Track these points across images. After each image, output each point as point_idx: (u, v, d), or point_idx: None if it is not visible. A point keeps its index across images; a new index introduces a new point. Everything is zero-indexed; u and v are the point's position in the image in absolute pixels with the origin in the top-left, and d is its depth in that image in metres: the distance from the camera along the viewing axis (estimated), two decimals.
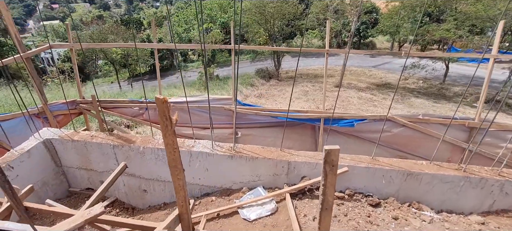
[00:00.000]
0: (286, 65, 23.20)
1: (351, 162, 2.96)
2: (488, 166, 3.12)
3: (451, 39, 15.18)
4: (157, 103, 1.24)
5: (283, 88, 17.39)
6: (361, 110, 12.94)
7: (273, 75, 20.10)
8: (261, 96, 15.92)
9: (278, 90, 17.16)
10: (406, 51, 4.24)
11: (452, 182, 2.84)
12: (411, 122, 4.22)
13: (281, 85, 18.34)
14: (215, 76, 19.66)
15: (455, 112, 3.20)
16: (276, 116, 4.58)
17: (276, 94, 16.44)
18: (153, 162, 3.30)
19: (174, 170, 1.53)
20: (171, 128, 1.34)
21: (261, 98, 15.65)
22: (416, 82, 18.54)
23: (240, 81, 18.07)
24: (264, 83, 18.89)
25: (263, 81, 19.19)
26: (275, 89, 17.41)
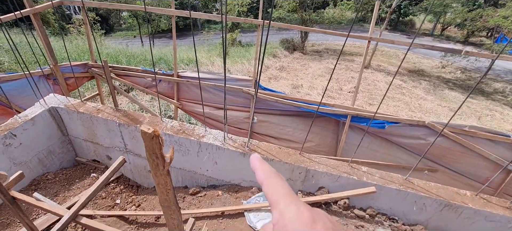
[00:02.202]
0: (313, 37, 21.93)
1: (380, 181, 2.57)
2: None
3: (507, 29, 13.43)
4: (144, 139, 0.89)
5: (307, 63, 16.52)
6: (388, 98, 12.09)
7: (298, 48, 19.08)
8: (282, 69, 15.24)
9: (301, 65, 16.33)
10: (463, 50, 3.57)
11: (499, 222, 2.40)
12: (453, 133, 3.68)
13: (305, 60, 17.43)
14: (238, 42, 18.94)
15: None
16: (298, 106, 4.15)
17: (299, 68, 15.66)
18: None
19: (167, 210, 1.22)
20: (164, 167, 0.99)
21: (282, 71, 15.00)
22: (453, 72, 17.00)
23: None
24: (287, 55, 18.02)
25: (286, 53, 18.30)
26: (298, 63, 16.58)
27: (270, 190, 0.40)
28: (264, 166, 0.45)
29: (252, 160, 0.47)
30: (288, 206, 0.36)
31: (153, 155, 0.97)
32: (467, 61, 15.97)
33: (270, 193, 0.40)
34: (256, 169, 0.46)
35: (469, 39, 23.49)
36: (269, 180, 0.42)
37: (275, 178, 0.42)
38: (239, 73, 13.52)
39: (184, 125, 3.08)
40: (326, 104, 4.00)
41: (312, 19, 17.21)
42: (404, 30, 26.63)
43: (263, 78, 13.61)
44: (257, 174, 0.45)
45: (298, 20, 17.52)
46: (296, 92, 12.16)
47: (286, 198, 0.38)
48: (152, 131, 0.89)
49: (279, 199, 0.38)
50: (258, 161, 0.47)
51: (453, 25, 21.93)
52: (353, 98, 3.94)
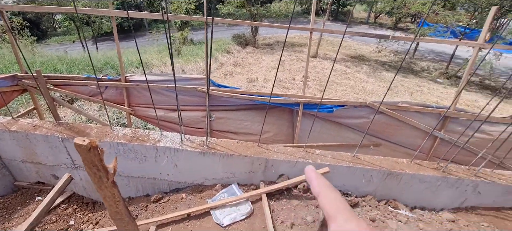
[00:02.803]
0: (263, 31, 22.26)
1: (332, 161, 2.75)
2: (459, 153, 3.09)
3: (425, 14, 15.24)
4: (80, 152, 0.82)
5: (260, 57, 16.75)
6: (336, 83, 12.91)
7: (250, 42, 19.21)
8: (237, 65, 15.23)
9: (254, 59, 16.50)
10: (393, 35, 3.95)
11: (430, 182, 2.75)
12: (389, 109, 4.08)
13: (258, 53, 17.65)
14: (189, 40, 18.35)
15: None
16: (253, 100, 4.21)
17: (252, 62, 15.81)
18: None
19: (120, 223, 1.15)
20: (108, 179, 0.93)
21: (237, 67, 14.99)
22: (387, 55, 18.79)
23: (215, 47, 17.07)
24: (241, 50, 18.05)
25: (239, 48, 18.31)
26: (252, 58, 16.73)
27: (327, 203, 0.40)
28: (320, 179, 0.45)
29: (307, 172, 0.46)
30: (348, 221, 0.37)
31: (94, 167, 0.90)
32: (398, 44, 17.80)
33: (327, 205, 0.40)
34: (312, 180, 0.46)
35: (398, 25, 26.15)
36: (325, 193, 0.41)
37: (332, 191, 0.42)
38: (194, 72, 13.15)
39: (138, 131, 2.91)
40: (279, 95, 4.12)
41: (260, 13, 17.43)
42: (344, 19, 28.56)
43: (219, 75, 13.45)
44: (313, 186, 0.45)
45: (247, 15, 17.60)
46: (252, 86, 12.28)
47: (345, 213, 0.39)
48: (88, 143, 0.83)
49: (337, 213, 0.39)
50: (313, 173, 0.47)
51: (383, 13, 24.17)
52: (303, 86, 4.13)
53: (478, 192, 2.79)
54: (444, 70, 15.48)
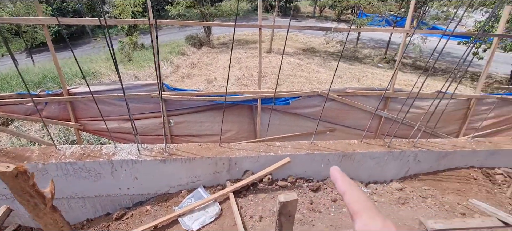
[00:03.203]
0: (216, 31, 21.97)
1: (292, 151, 2.84)
2: (402, 128, 3.43)
3: (363, 6, 16.49)
4: (6, 180, 0.72)
5: (216, 57, 16.52)
6: (291, 76, 13.33)
7: (204, 42, 18.81)
8: (193, 66, 14.81)
9: (210, 59, 16.21)
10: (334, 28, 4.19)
11: (379, 157, 3.01)
12: (339, 96, 4.35)
13: (214, 53, 17.37)
14: (140, 45, 17.29)
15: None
16: (212, 100, 4.14)
17: (209, 63, 15.52)
18: (63, 179, 2.57)
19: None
20: (46, 205, 0.84)
21: (194, 68, 14.58)
22: (335, 46, 19.95)
23: (169, 50, 16.37)
24: (196, 51, 17.57)
25: (194, 49, 17.79)
26: (208, 58, 16.41)
27: (352, 201, 0.41)
28: (344, 177, 0.44)
29: (332, 172, 0.45)
30: (373, 218, 0.37)
31: (26, 195, 0.81)
32: (342, 35, 19.00)
33: (352, 203, 0.40)
34: (337, 179, 0.45)
35: (341, 17, 27.92)
36: (351, 191, 0.42)
37: (356, 189, 0.42)
38: (149, 78, 12.46)
39: (89, 147, 2.67)
40: (236, 93, 4.12)
41: (211, 13, 17.14)
42: (293, 14, 29.61)
43: (175, 79, 12.97)
44: (338, 185, 0.44)
45: (198, 15, 17.18)
46: (212, 86, 12.08)
47: (370, 211, 0.38)
48: (14, 168, 0.74)
49: (362, 210, 0.39)
50: (338, 172, 0.46)
51: (327, 6, 25.61)
52: (259, 83, 4.18)
53: (418, 160, 3.14)
54: (383, 55, 16.99)
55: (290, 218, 1.10)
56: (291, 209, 1.07)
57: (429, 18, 14.43)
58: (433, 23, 14.20)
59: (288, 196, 1.05)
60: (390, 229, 0.35)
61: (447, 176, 3.21)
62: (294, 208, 1.07)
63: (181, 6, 15.77)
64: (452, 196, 2.96)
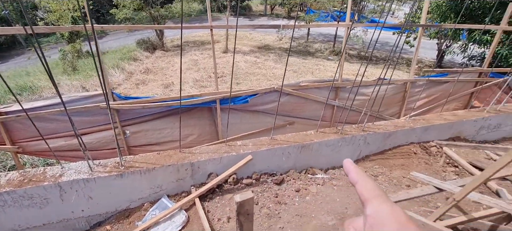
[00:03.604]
0: (169, 33, 21.07)
1: (253, 148, 2.86)
2: (352, 115, 3.67)
3: (309, 3, 17.29)
4: None
5: (171, 60, 15.84)
6: (250, 74, 13.42)
7: (158, 46, 17.89)
8: (148, 71, 14.01)
9: (166, 63, 15.49)
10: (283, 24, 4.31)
11: (334, 144, 3.19)
12: (294, 90, 4.50)
13: (169, 56, 16.63)
14: (86, 52, 15.77)
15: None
16: (169, 106, 3.96)
17: (165, 67, 14.83)
18: (0, 212, 2.24)
19: None
20: None
21: (148, 74, 13.79)
22: (288, 42, 20.58)
23: (120, 56, 15.26)
24: (149, 56, 16.62)
25: (147, 53, 16.81)
26: (163, 62, 15.65)
27: (364, 188, 0.42)
28: (356, 169, 0.46)
29: (345, 164, 0.48)
30: (383, 203, 0.39)
31: None
32: (295, 32, 19.76)
33: (364, 190, 0.42)
34: (350, 171, 0.46)
35: (291, 14, 28.88)
36: (362, 180, 0.44)
37: (368, 179, 0.44)
38: (98, 88, 11.43)
39: (29, 171, 2.36)
40: (194, 96, 4.00)
41: (161, 15, 16.37)
42: (245, 13, 29.76)
43: (129, 86, 12.15)
44: (351, 176, 0.45)
45: (148, 18, 16.28)
46: (169, 91, 11.57)
47: (381, 197, 0.40)
48: None
49: (373, 197, 0.40)
50: (351, 164, 0.47)
51: (277, 4, 26.24)
52: (215, 84, 4.12)
53: (367, 143, 3.41)
54: (332, 48, 18.05)
55: (249, 217, 1.11)
56: (249, 207, 1.07)
57: (368, 12, 15.70)
58: (371, 17, 15.49)
59: (244, 195, 1.05)
60: (398, 213, 0.37)
61: (392, 154, 3.55)
62: (251, 206, 1.08)
63: (127, 9, 14.75)
64: (398, 171, 3.28)
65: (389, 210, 0.38)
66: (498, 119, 4.13)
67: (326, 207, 2.61)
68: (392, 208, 0.38)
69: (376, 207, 0.39)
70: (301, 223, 2.42)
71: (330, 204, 2.63)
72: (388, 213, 0.38)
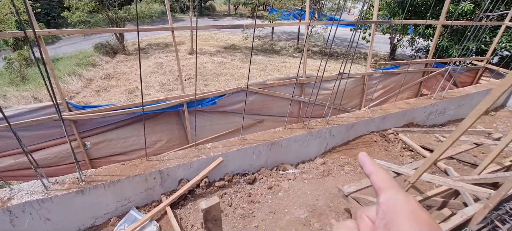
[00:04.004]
0: (131, 36, 19.96)
1: (223, 150, 2.82)
2: (317, 109, 3.78)
3: (271, 2, 17.53)
4: None
5: (135, 64, 15.00)
6: (218, 74, 13.24)
7: (119, 50, 16.81)
8: (109, 77, 13.11)
9: (128, 67, 14.62)
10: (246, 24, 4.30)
11: (302, 139, 3.27)
12: (261, 89, 4.52)
13: (131, 60, 15.72)
14: (36, 60, 14.25)
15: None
16: (132, 112, 3.73)
17: (128, 71, 13.99)
18: None
19: None
20: None
21: (110, 79, 12.91)
22: (254, 41, 20.70)
23: (76, 62, 14.09)
24: (110, 61, 15.54)
25: (107, 58, 15.70)
26: (125, 66, 14.75)
27: (379, 178, 0.44)
28: (371, 161, 0.47)
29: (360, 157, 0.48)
30: (398, 193, 0.40)
31: None
32: (258, 31, 19.84)
33: (379, 180, 0.43)
34: (365, 163, 0.47)
35: (254, 13, 29.08)
36: (377, 171, 0.45)
37: (382, 170, 0.45)
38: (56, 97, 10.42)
39: None
40: (159, 100, 3.82)
41: (120, 17, 15.41)
42: (209, 14, 29.27)
43: (89, 94, 11.28)
44: (365, 168, 0.46)
45: (105, 20, 15.22)
46: (134, 96, 10.96)
47: (394, 188, 0.41)
48: None
49: (387, 186, 0.42)
50: (366, 157, 0.48)
51: (241, 4, 26.19)
52: (181, 86, 3.98)
53: (333, 135, 3.54)
54: (296, 46, 18.52)
55: (217, 222, 1.07)
56: (216, 213, 1.04)
57: (326, 10, 16.36)
58: (330, 14, 16.17)
59: (209, 202, 1.02)
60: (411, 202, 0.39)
61: (356, 144, 3.73)
62: (219, 212, 1.04)
63: (81, 12, 13.65)
64: None
65: (403, 198, 0.40)
66: (443, 104, 4.56)
67: (298, 201, 2.66)
68: (406, 196, 0.40)
69: (390, 195, 0.41)
70: (275, 219, 2.44)
71: (302, 198, 2.69)
72: (401, 201, 0.40)
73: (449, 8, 7.35)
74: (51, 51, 17.00)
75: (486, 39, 7.79)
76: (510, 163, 2.86)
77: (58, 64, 14.32)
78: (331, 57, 16.52)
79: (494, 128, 4.67)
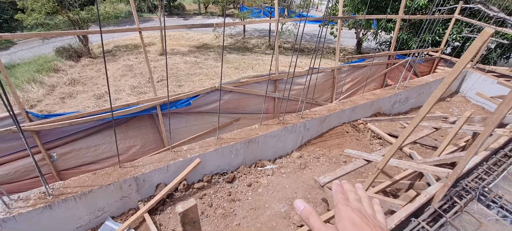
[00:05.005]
0: (96, 38, 18.78)
1: (200, 151, 2.77)
2: (291, 104, 3.85)
3: (241, 0, 17.47)
4: None
5: (102, 68, 14.15)
6: (191, 75, 12.94)
7: (83, 53, 15.73)
8: (75, 83, 12.24)
9: (95, 71, 13.75)
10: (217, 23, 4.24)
11: (278, 135, 3.31)
12: (235, 87, 4.50)
13: (98, 64, 14.79)
14: None
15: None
16: (101, 119, 3.53)
17: (95, 75, 13.16)
18: None
19: None
20: None
21: (75, 85, 12.06)
22: (226, 40, 20.47)
23: (36, 68, 12.98)
24: (74, 65, 14.49)
25: (71, 62, 14.61)
26: (91, 70, 13.86)
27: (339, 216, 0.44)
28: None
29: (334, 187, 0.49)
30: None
31: None
32: (230, 29, 19.68)
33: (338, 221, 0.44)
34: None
35: (225, 12, 28.74)
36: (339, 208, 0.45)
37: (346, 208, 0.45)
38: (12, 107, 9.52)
39: None
40: (130, 104, 3.65)
41: (83, 18, 14.42)
42: (179, 13, 28.41)
43: (53, 101, 10.47)
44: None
45: (66, 22, 14.15)
46: (103, 101, 10.36)
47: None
48: None
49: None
50: (337, 186, 0.50)
51: (211, 2, 25.70)
52: (153, 89, 3.84)
53: (307, 128, 3.64)
54: (268, 43, 18.67)
55: (195, 224, 1.06)
56: (193, 215, 1.02)
57: (295, 7, 16.66)
58: (299, 11, 16.48)
59: (186, 204, 1.00)
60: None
61: (329, 135, 3.87)
62: (196, 214, 1.03)
63: (38, 14, 12.57)
64: (336, 150, 3.59)
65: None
66: (406, 93, 4.88)
67: (277, 195, 2.70)
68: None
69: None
70: (256, 215, 2.46)
71: (281, 192, 2.74)
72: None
73: (406, 3, 7.85)
74: (5, 57, 15.49)
75: (439, 31, 8.45)
76: (464, 143, 3.15)
77: (15, 71, 13.12)
78: (302, 53, 16.86)
79: (450, 112, 5.10)
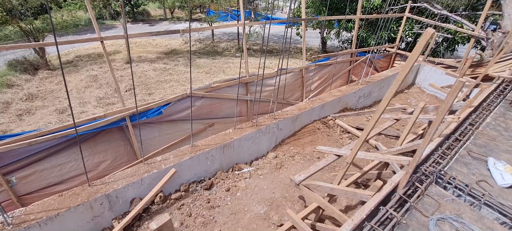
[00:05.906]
0: (53, 49, 17.31)
1: (175, 160, 2.69)
2: (264, 106, 3.89)
3: (207, 4, 17.28)
4: None
5: (62, 80, 13.08)
6: (162, 82, 12.48)
7: (41, 66, 14.41)
8: (33, 98, 11.16)
9: (55, 84, 12.66)
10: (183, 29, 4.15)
11: (252, 137, 3.33)
12: (207, 92, 4.43)
13: (58, 76, 13.64)
14: None
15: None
16: (65, 135, 3.26)
17: (55, 88, 12.11)
18: None
19: None
20: None
21: (34, 100, 11.00)
22: (195, 44, 20.08)
23: None
24: (31, 79, 13.20)
25: (27, 76, 13.29)
26: (51, 83, 12.74)
27: None
28: None
29: None
30: None
31: None
32: (198, 34, 19.37)
33: None
34: None
35: (192, 16, 28.20)
36: None
37: None
38: None
39: None
40: (97, 118, 3.42)
41: (37, 28, 13.22)
42: (144, 19, 27.29)
43: (9, 119, 9.48)
44: None
45: (18, 33, 12.88)
46: (67, 116, 9.57)
47: None
48: None
49: None
50: None
51: (176, 7, 25.00)
52: (121, 100, 3.65)
53: (280, 128, 3.70)
54: (238, 46, 18.67)
55: None
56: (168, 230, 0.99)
57: (261, 10, 16.89)
58: (265, 14, 16.73)
59: (159, 220, 0.97)
60: None
61: (302, 133, 3.97)
62: (171, 228, 1.00)
63: None
64: (309, 148, 3.70)
65: None
66: (369, 88, 5.18)
67: (256, 197, 2.71)
68: None
69: None
70: (237, 219, 2.45)
71: (260, 194, 2.75)
72: None
73: (363, 4, 8.34)
74: None
75: (394, 28, 9.11)
76: (422, 131, 3.43)
77: None
78: (271, 54, 17.12)
79: (408, 103, 5.52)
